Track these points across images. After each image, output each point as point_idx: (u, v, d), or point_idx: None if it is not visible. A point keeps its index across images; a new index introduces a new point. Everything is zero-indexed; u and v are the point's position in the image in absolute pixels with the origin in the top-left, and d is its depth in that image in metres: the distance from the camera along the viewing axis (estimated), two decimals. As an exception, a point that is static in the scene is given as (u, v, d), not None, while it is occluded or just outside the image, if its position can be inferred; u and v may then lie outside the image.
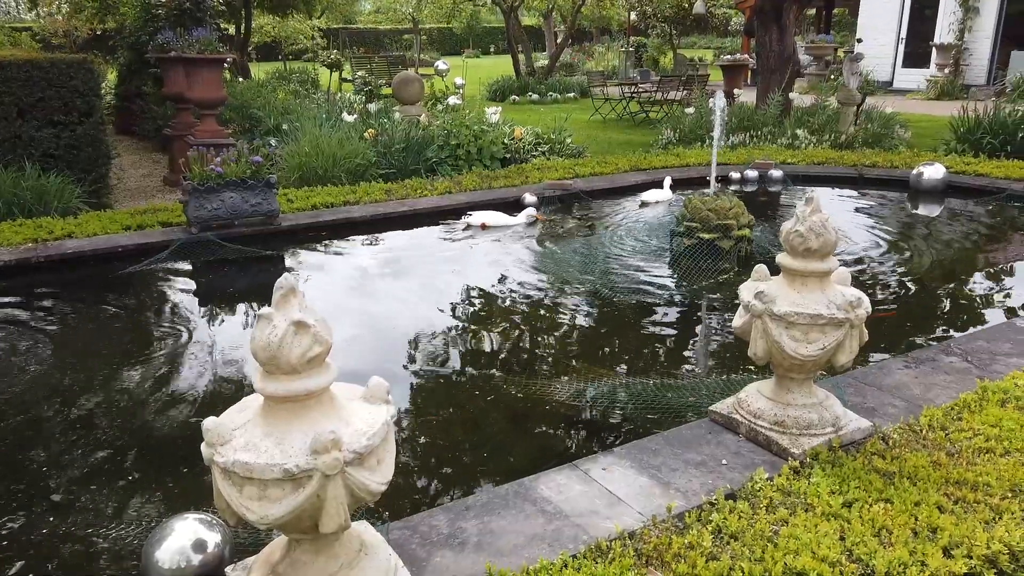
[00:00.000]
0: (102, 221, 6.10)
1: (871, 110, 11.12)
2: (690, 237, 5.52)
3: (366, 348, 4.35)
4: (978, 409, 2.97)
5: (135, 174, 9.49)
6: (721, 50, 28.66)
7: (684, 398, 3.47)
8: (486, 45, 41.51)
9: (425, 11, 28.87)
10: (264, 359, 1.71)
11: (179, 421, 3.46)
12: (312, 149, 7.92)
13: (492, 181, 7.79)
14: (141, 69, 11.26)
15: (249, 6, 16.03)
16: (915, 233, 6.80)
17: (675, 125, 11.27)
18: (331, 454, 1.66)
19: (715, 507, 2.39)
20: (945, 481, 2.48)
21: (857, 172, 8.42)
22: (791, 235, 2.62)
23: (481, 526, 2.35)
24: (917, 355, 3.65)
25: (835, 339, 2.60)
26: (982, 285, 5.44)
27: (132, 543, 2.56)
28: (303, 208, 6.69)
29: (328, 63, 20.33)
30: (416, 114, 10.26)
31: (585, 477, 2.61)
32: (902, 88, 19.29)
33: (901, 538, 2.18)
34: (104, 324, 4.71)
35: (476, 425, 3.48)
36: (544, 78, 20.83)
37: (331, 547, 1.91)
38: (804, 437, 2.74)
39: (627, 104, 15.24)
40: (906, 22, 19.91)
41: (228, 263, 5.64)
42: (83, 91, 6.97)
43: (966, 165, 8.28)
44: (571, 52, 27.50)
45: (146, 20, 10.87)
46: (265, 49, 26.79)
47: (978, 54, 18.20)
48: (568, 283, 5.27)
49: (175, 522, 2.22)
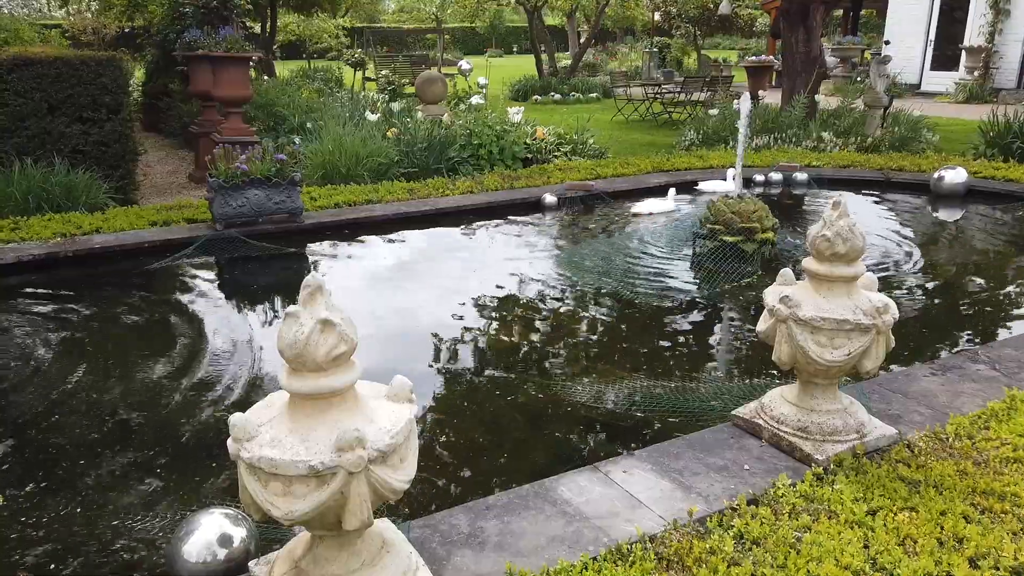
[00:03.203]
0: (129, 217, 6.18)
1: (898, 113, 10.98)
2: (713, 240, 5.49)
3: (388, 346, 4.37)
4: (1006, 418, 2.92)
5: (161, 171, 9.60)
6: (746, 51, 28.45)
7: (706, 402, 3.45)
8: (509, 45, 41.54)
9: (449, 11, 28.94)
10: (290, 356, 1.72)
11: (204, 415, 3.50)
12: (335, 147, 7.96)
13: (514, 181, 7.79)
14: (168, 67, 11.40)
15: (275, 5, 16.15)
16: (931, 238, 6.71)
17: (698, 126, 11.21)
18: (355, 452, 1.67)
19: (737, 512, 2.37)
20: (972, 491, 2.45)
21: (884, 176, 8.32)
22: (818, 239, 2.60)
23: (501, 526, 2.35)
24: (944, 362, 3.61)
25: (861, 345, 2.57)
26: (1009, 292, 5.35)
27: (159, 536, 2.60)
28: (326, 206, 6.73)
29: (352, 62, 20.46)
30: (439, 113, 10.29)
31: (606, 479, 2.60)
32: (930, 91, 19.02)
33: (926, 548, 2.16)
34: (130, 318, 4.77)
35: (496, 425, 3.48)
36: (567, 78, 20.80)
37: (353, 544, 1.92)
38: (828, 443, 2.71)
39: (650, 105, 15.18)
40: (935, 24, 19.64)
41: (252, 260, 5.69)
42: (111, 88, 7.06)
43: (995, 170, 8.15)
44: (594, 52, 27.43)
45: (174, 18, 10.99)
46: (290, 48, 27.00)
47: (1008, 57, 17.90)
48: (589, 284, 5.26)
49: (202, 516, 2.24)
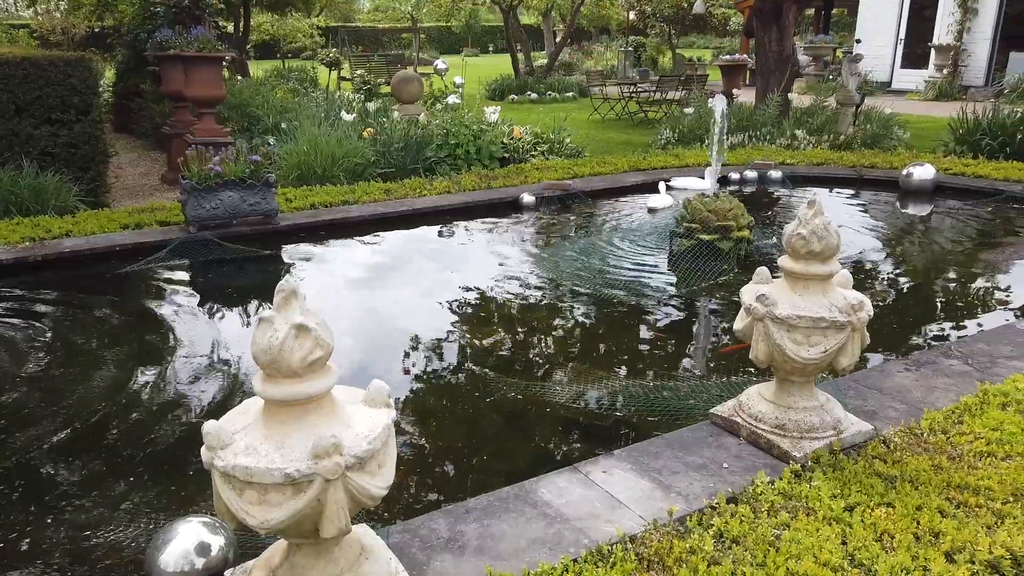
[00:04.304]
0: (100, 220, 6.07)
1: (870, 111, 11.11)
2: (689, 238, 5.51)
3: (365, 349, 4.34)
4: (979, 412, 2.96)
5: (133, 172, 9.46)
6: (720, 50, 28.64)
7: (684, 400, 3.46)
8: (485, 44, 41.51)
9: (424, 10, 28.84)
10: (265, 362, 1.70)
11: (178, 423, 3.45)
12: (311, 148, 7.90)
13: (491, 181, 7.77)
14: (139, 67, 11.23)
15: (248, 4, 15.97)
16: (900, 233, 6.80)
17: (674, 125, 11.27)
18: (332, 459, 1.65)
19: (716, 511, 2.38)
20: (947, 485, 2.47)
21: (857, 173, 8.41)
22: (793, 238, 2.62)
23: (481, 529, 2.34)
24: (918, 358, 3.65)
25: (837, 342, 2.59)
26: (979, 287, 5.43)
27: (135, 546, 2.55)
28: (302, 208, 6.67)
29: (327, 62, 20.32)
30: (415, 113, 10.24)
31: (586, 480, 2.60)
32: (901, 89, 19.28)
33: (903, 543, 2.18)
34: (101, 323, 4.69)
35: (476, 427, 3.47)
36: (543, 77, 20.82)
37: (331, 551, 1.90)
38: (805, 440, 2.73)
39: (626, 104, 15.24)
40: (905, 23, 19.91)
41: (227, 262, 5.62)
42: (81, 89, 6.94)
43: (965, 167, 8.27)
44: (570, 51, 27.49)
45: (145, 18, 10.85)
46: (263, 47, 26.75)
47: (976, 55, 18.20)
48: (566, 283, 5.26)
49: (179, 525, 2.20)
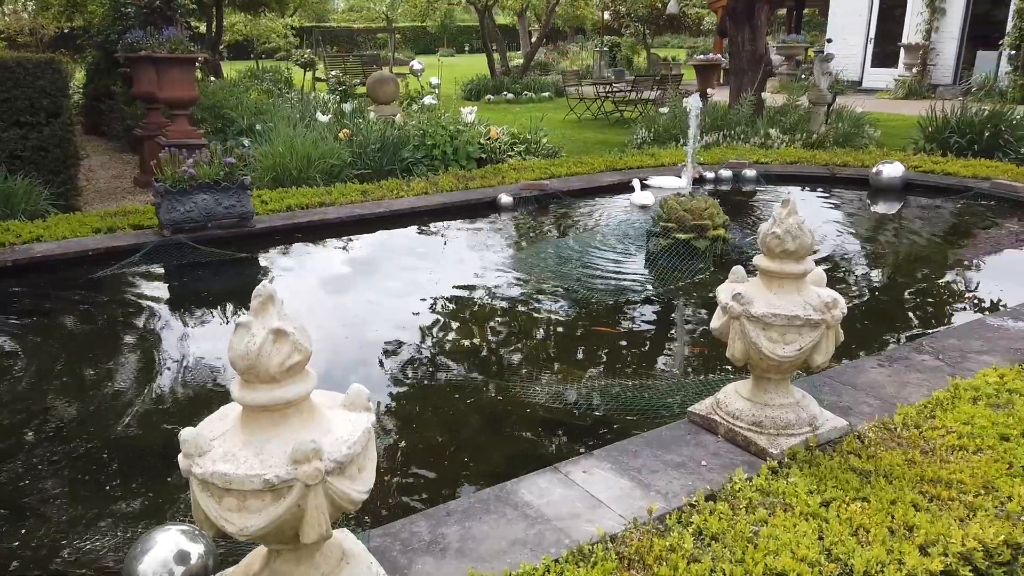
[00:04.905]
0: (71, 224, 5.98)
1: (841, 110, 11.25)
2: (666, 237, 5.55)
3: (343, 351, 4.32)
4: (950, 407, 3.01)
5: (105, 175, 9.33)
6: (694, 50, 28.87)
7: (663, 399, 3.49)
8: (460, 44, 41.45)
9: (399, 10, 28.74)
10: (243, 368, 1.68)
11: (155, 429, 3.41)
12: (286, 150, 7.84)
13: (468, 182, 7.77)
14: (110, 68, 11.07)
15: (220, 4, 15.82)
16: (871, 230, 6.90)
17: (649, 125, 11.34)
18: (311, 464, 1.64)
19: (695, 508, 2.40)
20: (920, 479, 2.52)
21: (829, 172, 8.52)
22: (768, 237, 2.65)
23: (463, 532, 2.34)
24: (890, 353, 3.71)
25: (811, 340, 2.63)
26: (950, 282, 5.52)
27: (112, 556, 2.52)
28: (278, 210, 6.62)
29: (301, 62, 20.17)
30: (391, 114, 10.21)
31: (566, 480, 2.61)
32: (871, 87, 19.56)
33: (878, 537, 2.21)
34: (74, 329, 4.63)
35: (456, 428, 3.46)
36: (519, 77, 20.84)
37: (312, 557, 1.89)
38: (782, 437, 2.76)
39: (602, 104, 15.30)
40: (875, 22, 20.20)
41: (202, 266, 5.56)
42: (50, 91, 6.83)
43: (935, 164, 8.41)
44: (545, 51, 27.54)
45: (115, 19, 10.69)
46: (237, 48, 26.52)
47: (944, 54, 18.51)
48: (545, 283, 5.27)
49: (157, 533, 2.17)
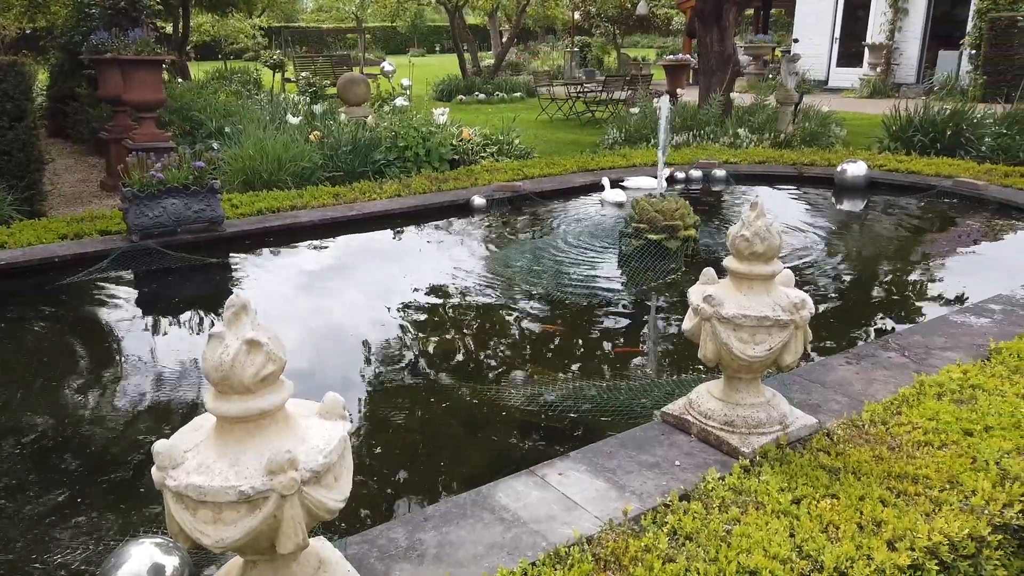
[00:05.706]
0: (36, 230, 5.87)
1: (808, 109, 11.42)
2: (638, 238, 5.60)
3: (317, 357, 4.29)
4: (916, 403, 3.08)
5: (70, 179, 9.17)
6: (663, 50, 29.09)
7: (636, 399, 3.52)
8: (431, 44, 41.35)
9: (369, 10, 28.59)
10: (216, 379, 1.68)
11: (125, 441, 3.37)
12: (256, 152, 7.77)
13: (442, 183, 7.76)
14: (74, 70, 10.88)
15: (187, 5, 15.63)
16: (837, 228, 7.02)
17: (620, 125, 11.41)
18: (287, 474, 1.64)
19: (670, 508, 2.43)
20: (887, 475, 2.57)
21: (797, 171, 8.65)
22: (737, 239, 2.69)
23: (440, 537, 2.35)
24: (858, 351, 3.78)
25: (781, 340, 2.67)
26: (913, 279, 5.64)
27: (85, 570, 2.49)
28: (248, 213, 6.56)
29: (270, 63, 19.99)
30: (363, 115, 10.16)
31: (542, 483, 2.63)
32: (837, 87, 19.88)
33: (848, 533, 2.26)
34: (41, 339, 4.55)
35: (432, 432, 3.47)
36: (490, 77, 20.86)
37: (288, 567, 1.89)
38: (753, 436, 2.81)
39: (573, 104, 15.36)
40: (840, 22, 20.54)
41: (172, 272, 5.50)
42: (13, 94, 6.71)
43: (899, 163, 8.58)
44: (516, 51, 27.59)
45: (79, 19, 10.51)
46: (204, 49, 26.20)
47: (908, 53, 18.88)
48: (519, 285, 5.29)
49: (131, 547, 2.15)
